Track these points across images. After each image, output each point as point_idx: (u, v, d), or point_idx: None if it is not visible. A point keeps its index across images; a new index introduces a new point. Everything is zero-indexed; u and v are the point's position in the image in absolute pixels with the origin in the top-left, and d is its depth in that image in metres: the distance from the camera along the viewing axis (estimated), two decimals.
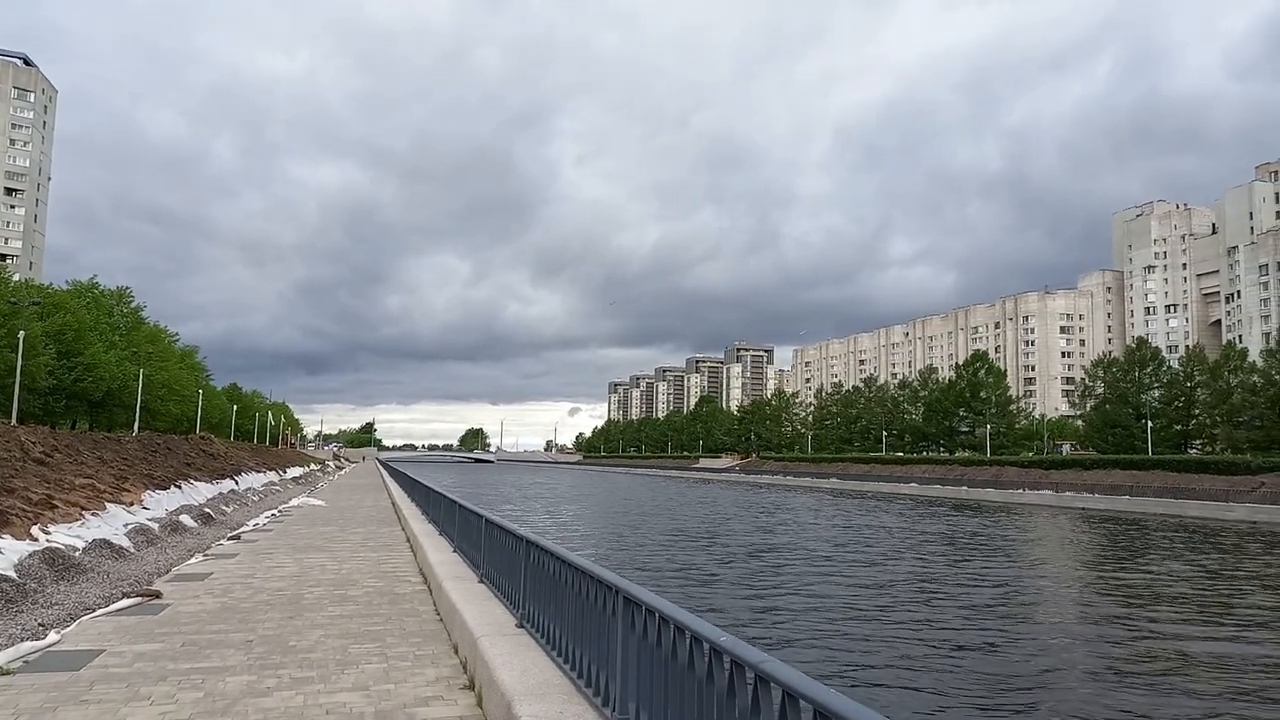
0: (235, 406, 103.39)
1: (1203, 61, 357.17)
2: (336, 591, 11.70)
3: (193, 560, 15.18)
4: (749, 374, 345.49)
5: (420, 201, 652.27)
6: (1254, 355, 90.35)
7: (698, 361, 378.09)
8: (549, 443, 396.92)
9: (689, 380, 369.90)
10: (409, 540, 17.75)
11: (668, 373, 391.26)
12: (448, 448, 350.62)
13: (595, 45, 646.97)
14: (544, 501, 68.09)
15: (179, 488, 27.46)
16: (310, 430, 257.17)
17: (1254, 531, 45.13)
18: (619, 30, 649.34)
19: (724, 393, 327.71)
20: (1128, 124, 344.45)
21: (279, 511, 28.07)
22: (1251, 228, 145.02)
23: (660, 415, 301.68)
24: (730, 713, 2.96)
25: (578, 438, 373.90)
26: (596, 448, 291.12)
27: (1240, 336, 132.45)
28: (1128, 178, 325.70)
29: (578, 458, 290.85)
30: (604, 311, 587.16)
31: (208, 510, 25.22)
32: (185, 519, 21.59)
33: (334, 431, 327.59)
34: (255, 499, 36.00)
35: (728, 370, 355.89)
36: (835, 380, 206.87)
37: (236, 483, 39.05)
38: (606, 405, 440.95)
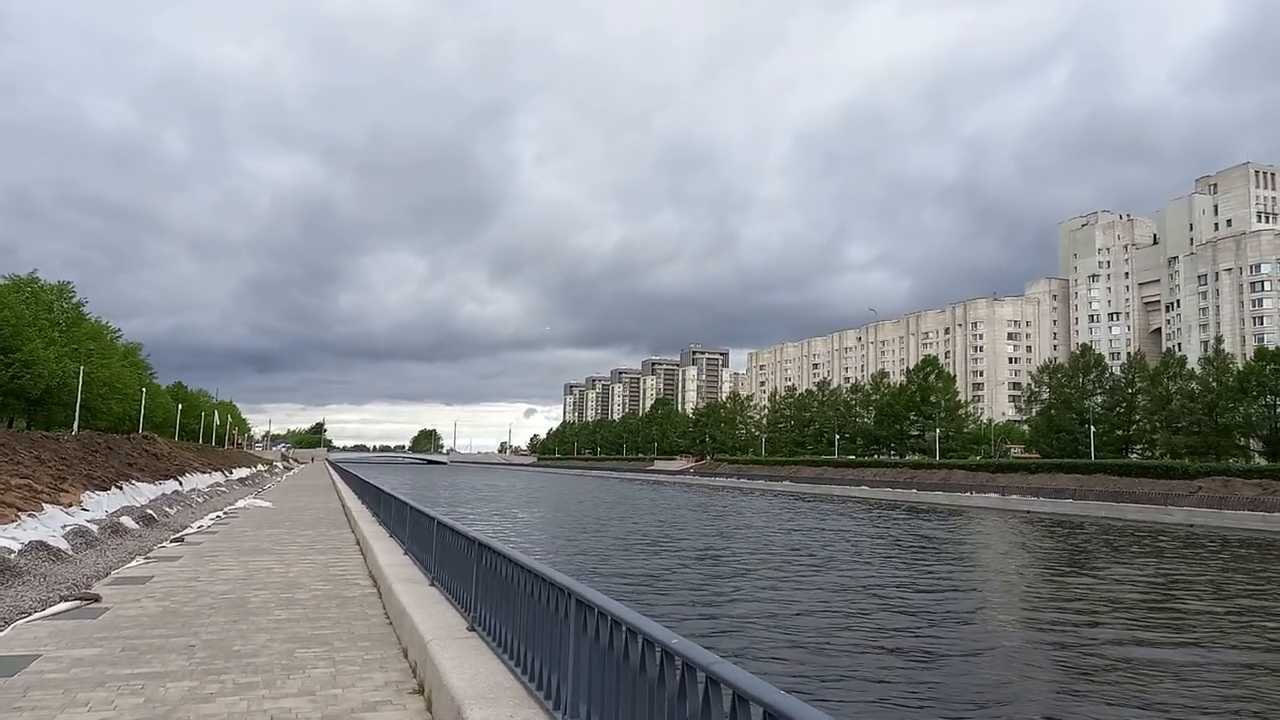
0: (180, 405, 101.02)
1: (1152, 75, 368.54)
2: (283, 595, 11.48)
3: (134, 563, 14.79)
4: (704, 376, 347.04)
5: (377, 197, 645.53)
6: (1192, 363, 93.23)
7: (653, 364, 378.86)
8: (503, 444, 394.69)
9: (645, 382, 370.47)
10: (359, 543, 17.49)
11: (623, 374, 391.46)
12: (400, 449, 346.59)
13: (557, 43, 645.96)
14: (497, 504, 67.63)
15: (120, 488, 26.72)
16: (258, 430, 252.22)
17: (1191, 534, 46.53)
18: (581, 29, 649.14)
19: (679, 395, 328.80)
20: (1080, 135, 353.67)
21: (224, 513, 27.49)
22: (1191, 239, 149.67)
23: (616, 417, 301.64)
24: (681, 714, 2.96)
25: (532, 439, 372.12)
26: (551, 450, 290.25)
27: (1180, 345, 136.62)
28: (1080, 187, 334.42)
29: (532, 460, 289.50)
30: (562, 312, 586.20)
31: (150, 512, 24.59)
32: (126, 521, 21.03)
33: (283, 431, 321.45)
34: (200, 500, 35.20)
35: (683, 372, 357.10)
36: (789, 383, 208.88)
37: (180, 484, 38.13)
38: (562, 407, 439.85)
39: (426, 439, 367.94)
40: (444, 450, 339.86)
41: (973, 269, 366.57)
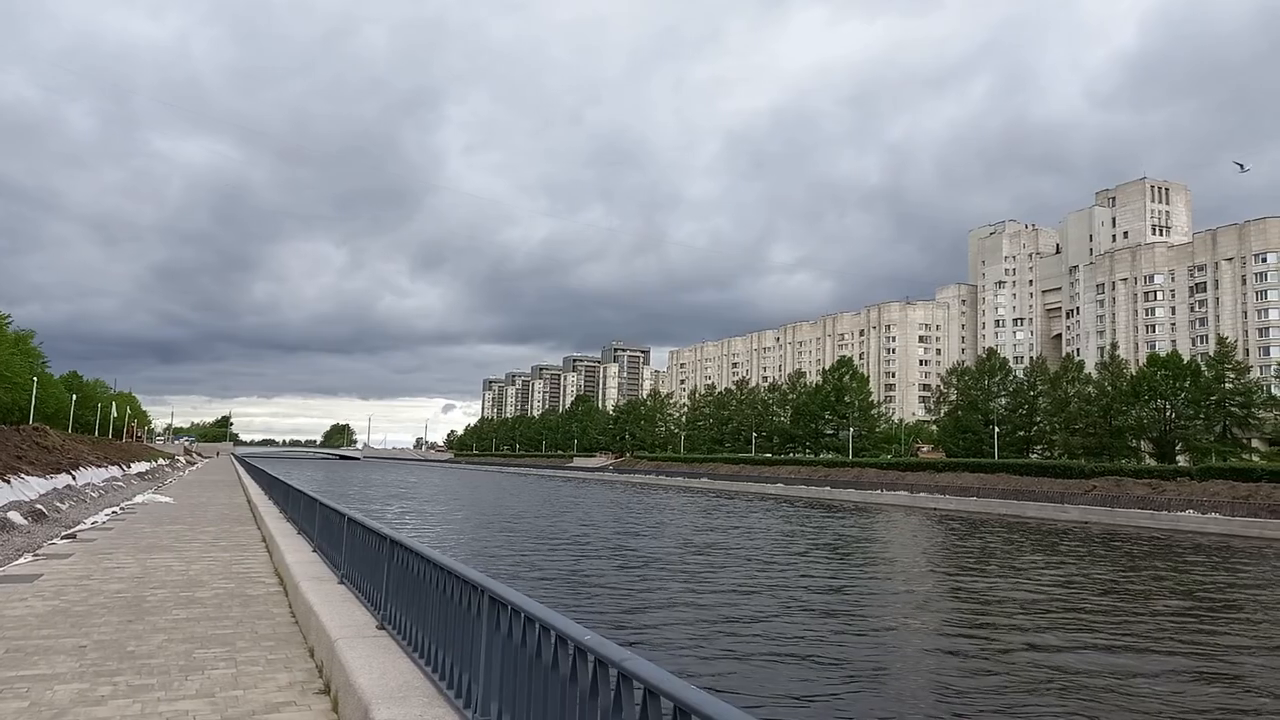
0: (75, 396, 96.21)
1: (1067, 90, 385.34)
2: (183, 593, 11.03)
3: (21, 560, 14.01)
4: (626, 374, 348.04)
5: (296, 184, 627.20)
6: (1090, 368, 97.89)
7: (575, 360, 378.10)
8: (419, 440, 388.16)
9: (566, 379, 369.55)
10: (265, 540, 16.96)
11: (544, 371, 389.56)
12: (311, 444, 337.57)
13: (488, 33, 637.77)
14: (411, 501, 66.51)
15: (7, 482, 25.32)
16: (160, 423, 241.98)
17: (1085, 531, 48.79)
18: (513, 19, 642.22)
19: (600, 392, 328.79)
20: (998, 145, 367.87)
21: (121, 509, 26.31)
22: (1091, 249, 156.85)
23: (536, 414, 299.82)
24: (593, 710, 2.95)
25: (450, 435, 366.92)
26: (469, 446, 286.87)
27: (1079, 350, 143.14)
28: (995, 196, 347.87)
29: (449, 456, 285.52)
30: (486, 307, 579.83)
31: (40, 507, 23.36)
32: (14, 516, 19.93)
33: (186, 425, 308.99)
34: (95, 495, 33.63)
35: (605, 370, 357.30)
36: (709, 382, 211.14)
37: (74, 477, 36.36)
38: (481, 403, 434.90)
39: (339, 434, 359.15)
40: (357, 445, 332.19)
41: (892, 273, 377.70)
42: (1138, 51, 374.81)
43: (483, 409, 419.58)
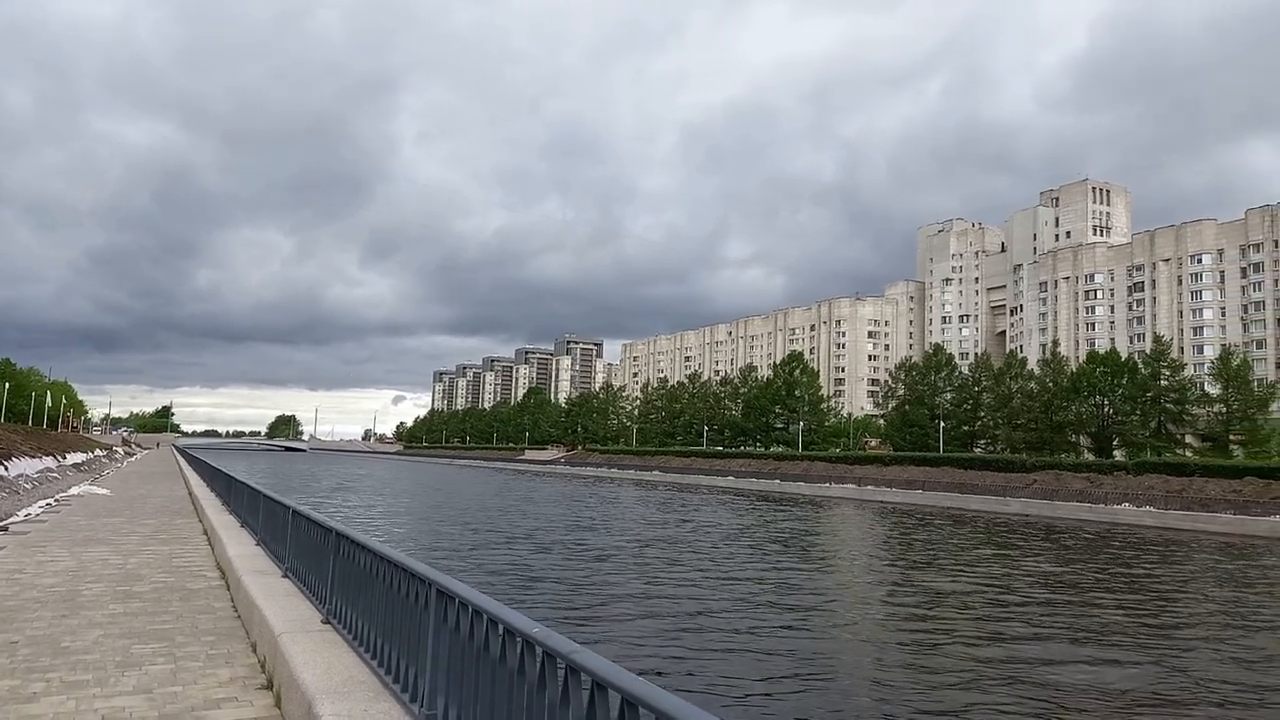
0: (7, 385, 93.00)
1: (1019, 92, 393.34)
2: (120, 587, 10.74)
3: None
4: (579, 367, 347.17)
5: (244, 169, 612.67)
6: (1032, 364, 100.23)
7: (527, 353, 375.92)
8: (368, 432, 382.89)
9: (518, 371, 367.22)
10: (206, 533, 16.59)
11: (496, 363, 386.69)
12: (255, 435, 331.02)
13: (447, 19, 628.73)
14: (358, 494, 65.67)
15: None
16: (98, 413, 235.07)
17: (1026, 524, 50.01)
18: (474, 6, 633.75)
19: (553, 385, 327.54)
20: (950, 144, 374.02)
21: (55, 500, 25.52)
22: (1035, 248, 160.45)
23: (487, 406, 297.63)
24: (540, 703, 2.95)
25: (399, 427, 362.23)
26: (419, 438, 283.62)
27: (1021, 346, 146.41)
28: (947, 195, 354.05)
29: (398, 448, 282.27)
30: (438, 298, 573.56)
31: None
32: None
33: (125, 415, 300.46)
34: (28, 486, 32.59)
35: (557, 362, 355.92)
36: (661, 375, 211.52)
37: (5, 468, 35.17)
38: (431, 394, 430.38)
39: (285, 425, 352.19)
40: (304, 437, 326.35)
41: (845, 269, 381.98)
42: (1087, 55, 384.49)
43: (433, 401, 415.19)
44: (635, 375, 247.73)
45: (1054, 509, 55.68)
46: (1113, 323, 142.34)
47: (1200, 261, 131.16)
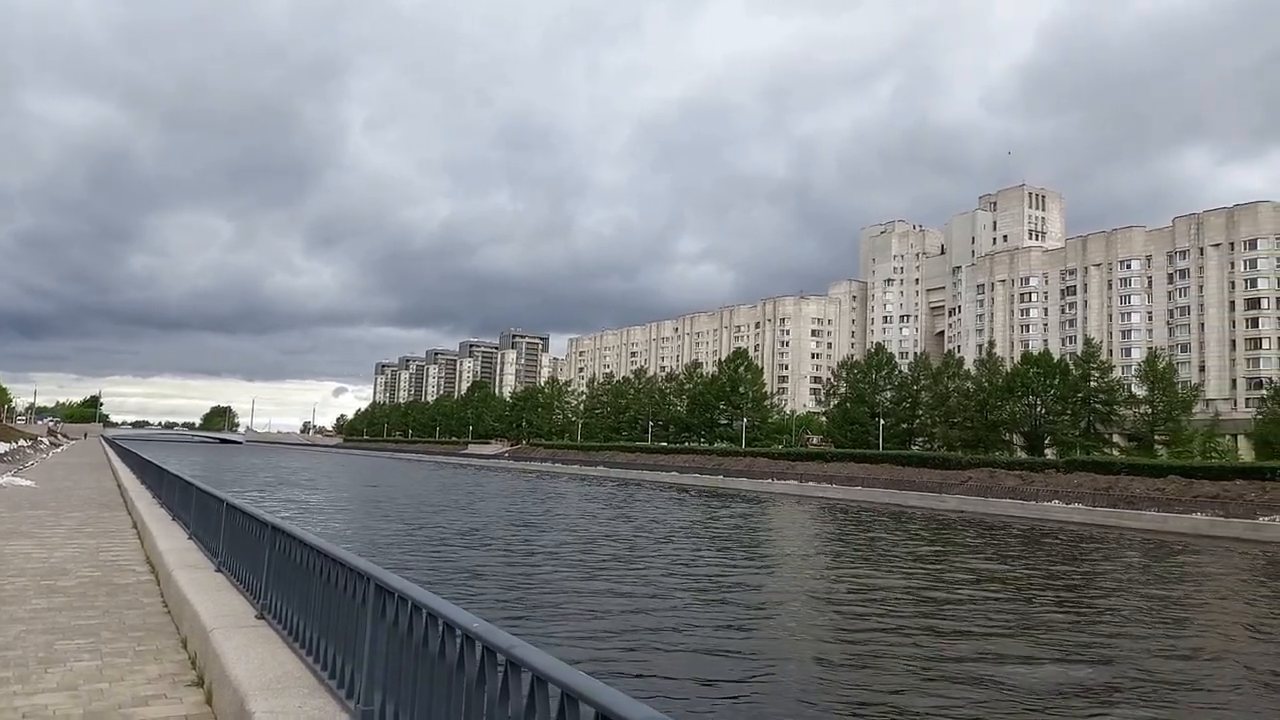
0: None
1: (967, 96, 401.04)
2: (43, 582, 10.37)
3: None
4: (524, 361, 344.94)
5: (184, 153, 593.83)
6: (969, 364, 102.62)
7: (471, 346, 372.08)
8: (306, 424, 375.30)
9: (462, 364, 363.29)
10: (136, 526, 16.10)
11: (440, 356, 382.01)
12: (189, 426, 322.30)
13: (397, 2, 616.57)
14: (297, 488, 64.44)
15: None
16: (22, 402, 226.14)
17: (961, 520, 51.22)
18: None
19: (498, 379, 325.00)
20: (900, 146, 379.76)
21: None
22: (973, 251, 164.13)
23: (430, 399, 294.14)
24: (480, 699, 2.92)
25: (339, 420, 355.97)
26: (359, 431, 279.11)
27: (959, 347, 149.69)
28: (896, 196, 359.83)
29: (338, 441, 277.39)
30: (383, 288, 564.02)
31: None
32: None
33: (51, 404, 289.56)
34: None
35: (502, 356, 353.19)
36: (608, 371, 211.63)
37: None
38: (373, 387, 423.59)
39: (220, 416, 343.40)
40: (239, 429, 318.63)
41: (794, 267, 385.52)
42: (1034, 62, 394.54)
43: (374, 393, 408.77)
44: (581, 370, 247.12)
45: (988, 505, 57.12)
46: (1046, 325, 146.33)
47: (1129, 267, 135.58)
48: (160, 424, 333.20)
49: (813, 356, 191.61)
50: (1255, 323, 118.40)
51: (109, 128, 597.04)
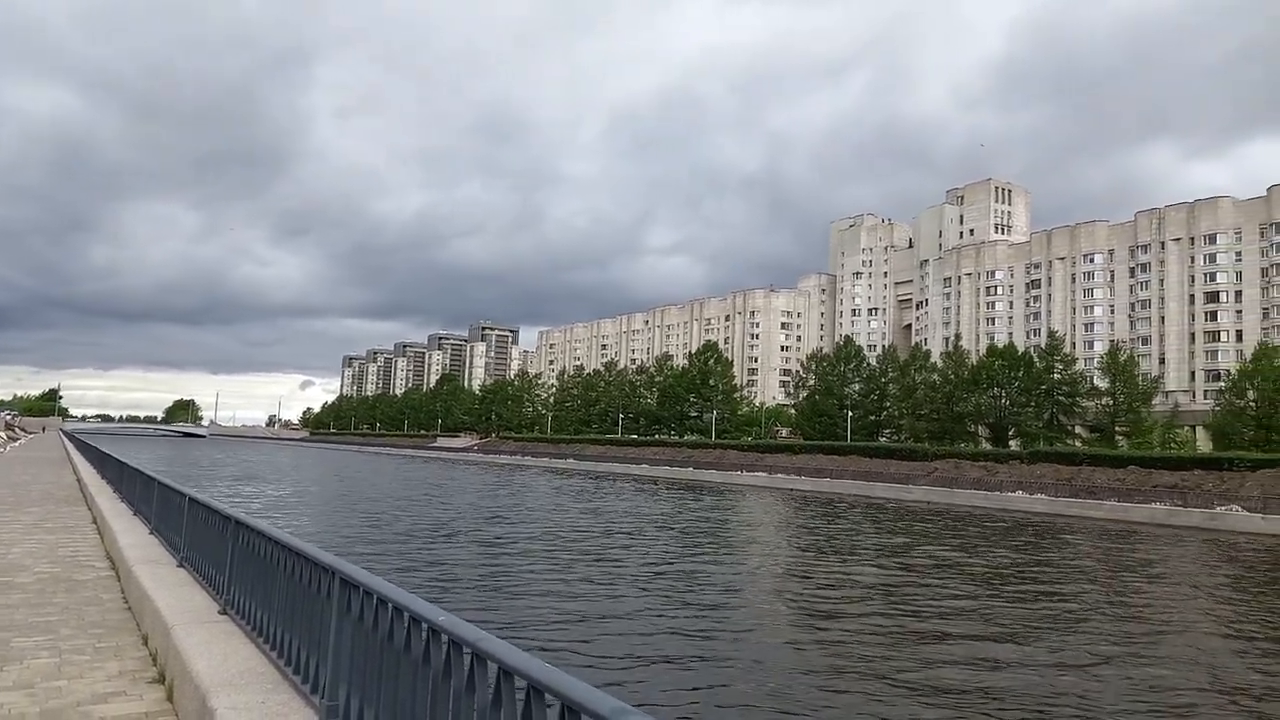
0: None
1: (938, 91, 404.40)
2: (0, 579, 10.16)
3: None
4: (493, 353, 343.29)
5: (150, 141, 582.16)
6: (936, 357, 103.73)
7: (441, 338, 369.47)
8: (272, 418, 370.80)
9: (430, 357, 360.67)
10: (96, 521, 15.82)
11: (409, 348, 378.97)
12: (151, 420, 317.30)
13: None
14: (262, 483, 63.71)
15: None
16: None
17: (926, 510, 51.84)
18: None
19: (467, 371, 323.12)
20: (872, 140, 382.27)
21: None
22: (940, 244, 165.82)
23: (398, 392, 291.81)
24: (445, 691, 2.91)
25: (305, 413, 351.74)
26: (326, 424, 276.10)
27: (926, 339, 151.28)
28: (867, 189, 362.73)
29: (304, 434, 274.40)
30: (352, 280, 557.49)
31: None
32: None
33: (9, 397, 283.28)
34: None
35: (472, 349, 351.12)
36: (578, 363, 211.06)
37: None
38: (340, 380, 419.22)
39: (183, 409, 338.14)
40: (203, 422, 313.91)
41: (766, 260, 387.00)
42: (1004, 56, 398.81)
43: (342, 386, 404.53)
44: (551, 363, 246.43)
45: (952, 496, 57.86)
46: (1011, 318, 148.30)
47: (1092, 261, 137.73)
48: (122, 417, 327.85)
49: (782, 349, 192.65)
50: (1214, 316, 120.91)
51: (71, 115, 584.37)
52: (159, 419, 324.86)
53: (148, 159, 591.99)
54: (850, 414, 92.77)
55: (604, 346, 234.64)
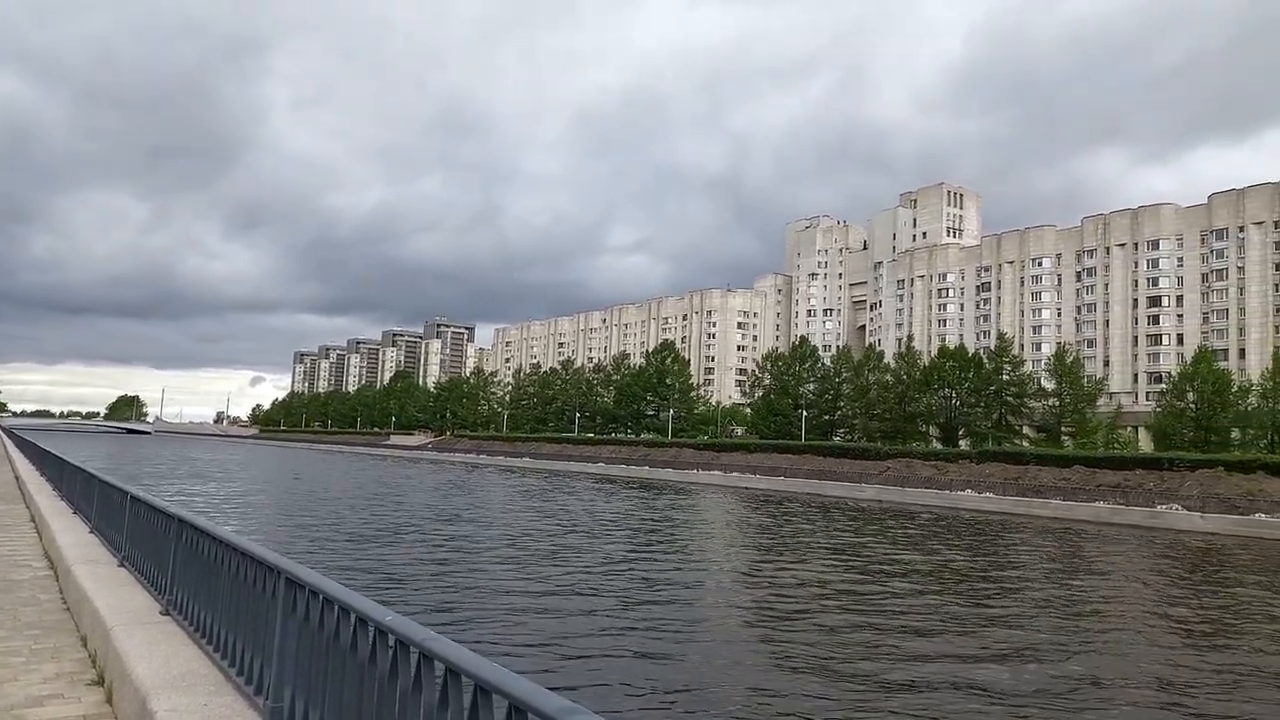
0: None
1: (897, 95, 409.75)
2: None
3: None
4: (449, 351, 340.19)
5: (97, 129, 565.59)
6: (889, 358, 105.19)
7: (395, 335, 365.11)
8: (220, 414, 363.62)
9: (385, 354, 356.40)
10: (34, 520, 15.37)
11: (362, 345, 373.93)
12: (94, 416, 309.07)
13: None
14: (209, 482, 62.45)
15: None
16: None
17: (879, 509, 52.54)
18: None
19: (421, 369, 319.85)
20: (832, 141, 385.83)
21: None
22: (894, 247, 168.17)
23: (351, 389, 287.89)
24: (392, 692, 2.88)
25: (255, 410, 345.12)
26: (276, 421, 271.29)
27: (880, 340, 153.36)
28: (825, 191, 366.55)
29: (253, 431, 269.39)
30: (306, 275, 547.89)
31: None
32: None
33: None
34: None
35: (426, 346, 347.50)
36: (535, 361, 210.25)
37: None
38: (291, 376, 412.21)
39: (127, 405, 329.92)
40: (148, 419, 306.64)
41: (727, 260, 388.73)
42: (963, 62, 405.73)
43: (293, 383, 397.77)
44: (508, 361, 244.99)
45: (904, 495, 58.74)
46: (962, 320, 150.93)
47: (1041, 265, 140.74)
48: (63, 413, 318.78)
49: (739, 349, 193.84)
50: (1156, 320, 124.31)
51: (16, 101, 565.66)
52: (102, 415, 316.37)
53: (95, 148, 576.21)
54: (805, 413, 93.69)
55: (561, 345, 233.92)
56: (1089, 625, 19.21)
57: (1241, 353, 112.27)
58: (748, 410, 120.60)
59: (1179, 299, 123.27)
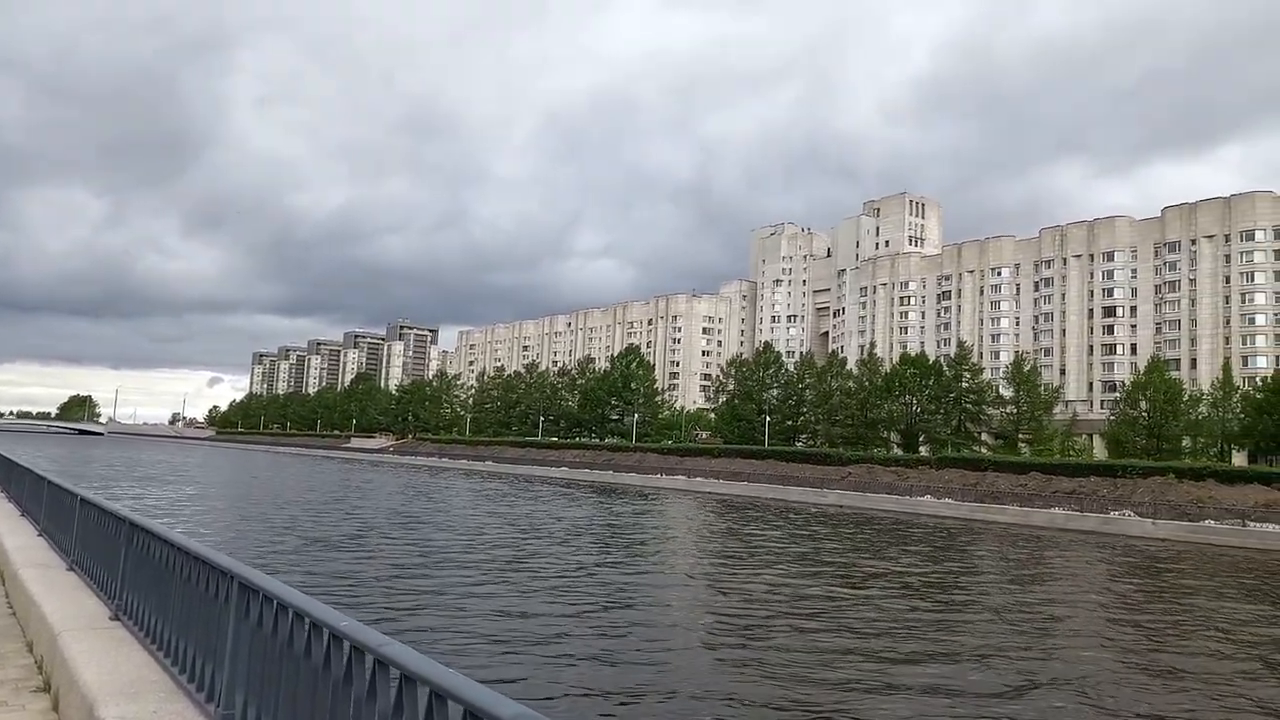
0: None
1: (863, 105, 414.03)
2: None
3: None
4: (411, 353, 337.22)
5: (53, 124, 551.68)
6: (852, 364, 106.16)
7: (357, 336, 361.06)
8: (175, 415, 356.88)
9: (346, 356, 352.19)
10: None
11: (323, 346, 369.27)
12: (44, 416, 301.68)
13: None
14: (162, 485, 61.28)
15: None
16: None
17: (840, 515, 52.98)
18: None
19: (384, 371, 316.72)
20: (800, 150, 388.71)
21: None
22: (857, 255, 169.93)
23: (311, 391, 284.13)
24: (346, 697, 2.85)
25: (211, 411, 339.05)
26: (234, 423, 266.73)
27: (843, 347, 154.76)
28: (793, 198, 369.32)
29: (210, 433, 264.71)
30: (268, 275, 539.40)
31: None
32: None
33: None
34: None
35: (389, 348, 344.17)
36: (499, 364, 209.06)
37: None
38: (250, 377, 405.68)
39: (79, 406, 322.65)
40: (101, 420, 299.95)
41: (694, 266, 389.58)
42: (930, 74, 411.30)
43: (251, 384, 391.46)
44: (471, 363, 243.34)
45: (865, 500, 59.32)
46: (924, 328, 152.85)
47: (1000, 274, 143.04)
48: (13, 413, 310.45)
49: (703, 354, 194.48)
50: (1110, 329, 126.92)
51: None
52: (53, 415, 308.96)
53: (49, 142, 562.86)
54: (768, 419, 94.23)
55: (526, 348, 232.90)
56: (1044, 630, 19.54)
57: (1193, 363, 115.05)
58: (712, 415, 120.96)
59: (1133, 309, 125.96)
